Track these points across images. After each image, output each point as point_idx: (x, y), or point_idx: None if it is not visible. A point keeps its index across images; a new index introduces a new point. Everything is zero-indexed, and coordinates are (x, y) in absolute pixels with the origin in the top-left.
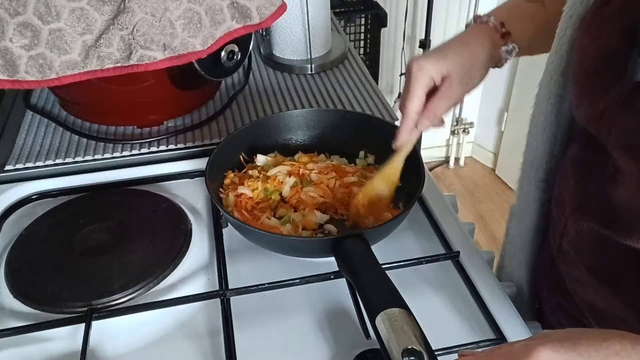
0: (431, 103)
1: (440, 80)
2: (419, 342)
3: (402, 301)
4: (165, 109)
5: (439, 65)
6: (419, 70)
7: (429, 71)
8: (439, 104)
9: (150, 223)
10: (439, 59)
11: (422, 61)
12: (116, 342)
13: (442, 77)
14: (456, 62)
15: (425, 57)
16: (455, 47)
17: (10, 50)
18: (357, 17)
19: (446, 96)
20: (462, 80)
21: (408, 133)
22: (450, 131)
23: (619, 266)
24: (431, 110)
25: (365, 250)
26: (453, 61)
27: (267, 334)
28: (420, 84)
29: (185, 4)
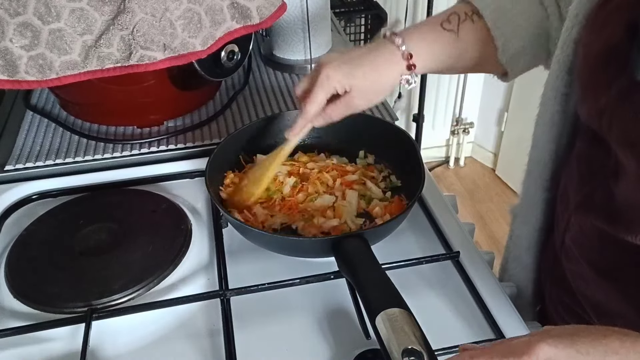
0: (330, 107)
1: (342, 92)
2: (419, 342)
3: (402, 301)
4: (165, 109)
5: (345, 80)
6: (326, 79)
7: (334, 84)
8: (337, 111)
9: (150, 223)
10: (346, 75)
11: (331, 72)
12: (116, 342)
13: (344, 90)
14: (361, 83)
15: (335, 68)
16: (364, 68)
17: (10, 51)
18: (357, 17)
19: (345, 106)
20: (363, 98)
21: (300, 128)
22: (450, 131)
23: (620, 262)
24: (328, 112)
25: (365, 250)
26: (358, 82)
27: (267, 334)
28: (323, 92)
29: (185, 4)
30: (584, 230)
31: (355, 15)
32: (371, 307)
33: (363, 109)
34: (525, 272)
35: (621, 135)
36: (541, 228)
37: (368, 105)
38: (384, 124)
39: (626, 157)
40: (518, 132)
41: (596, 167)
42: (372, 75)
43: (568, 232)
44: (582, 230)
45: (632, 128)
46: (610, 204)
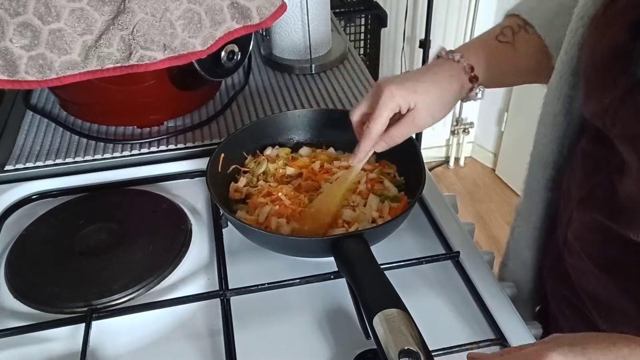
0: (393, 129)
1: (405, 110)
2: (416, 343)
3: (400, 302)
4: (166, 109)
5: (409, 98)
6: (390, 97)
7: (398, 101)
8: (400, 132)
9: (150, 223)
10: (409, 92)
11: (395, 89)
12: (116, 342)
13: (408, 108)
14: (425, 99)
15: (398, 85)
16: (426, 84)
17: (10, 51)
18: (357, 17)
19: (408, 126)
20: (427, 115)
21: (366, 153)
22: (450, 131)
23: (621, 258)
24: (391, 135)
25: (364, 251)
26: (422, 97)
27: (267, 334)
28: (387, 110)
29: (186, 4)
30: (585, 225)
31: (355, 15)
32: (369, 308)
33: (427, 127)
34: (525, 270)
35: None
36: (542, 227)
37: (432, 123)
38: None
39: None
40: (518, 132)
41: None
42: (436, 90)
43: (570, 228)
44: (583, 226)
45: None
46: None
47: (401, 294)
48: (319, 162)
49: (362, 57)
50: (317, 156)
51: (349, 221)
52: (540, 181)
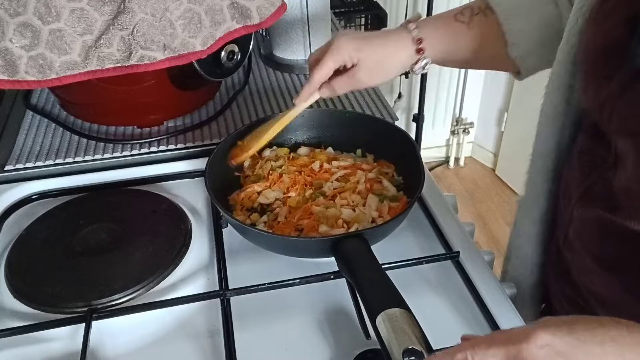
0: (336, 80)
1: (350, 65)
2: (420, 343)
3: (402, 301)
4: (166, 109)
5: (354, 53)
6: (336, 49)
7: (343, 54)
8: (340, 84)
9: (150, 223)
10: (356, 48)
11: (343, 43)
12: (116, 342)
13: (352, 63)
14: (368, 58)
15: (349, 40)
16: (374, 45)
17: (10, 51)
18: (357, 17)
19: (348, 79)
20: (366, 74)
21: (308, 95)
22: (450, 131)
23: (622, 253)
24: (333, 84)
25: (365, 251)
26: (366, 56)
27: (267, 334)
28: (332, 61)
29: (185, 4)
30: (586, 222)
31: (355, 15)
32: (371, 308)
33: (366, 86)
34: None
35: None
36: (543, 220)
37: (371, 84)
38: (383, 123)
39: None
40: (518, 132)
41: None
42: (380, 52)
43: (571, 226)
44: (584, 223)
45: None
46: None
47: (402, 294)
48: (319, 162)
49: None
50: (316, 156)
51: (349, 221)
52: (541, 172)
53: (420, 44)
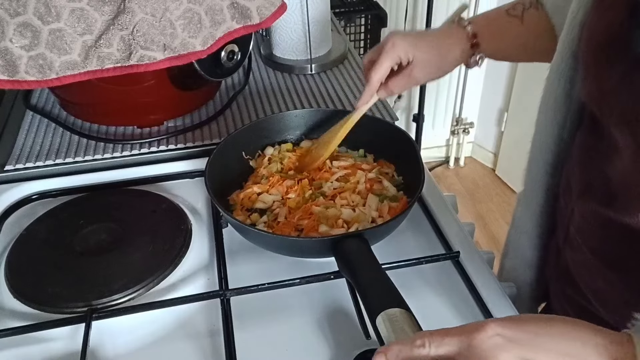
0: (392, 80)
1: (406, 62)
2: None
3: (402, 301)
4: (166, 109)
5: (410, 50)
6: (392, 47)
7: (399, 52)
8: (397, 83)
9: (150, 223)
10: (411, 45)
11: (398, 40)
12: (116, 342)
13: (408, 60)
14: (423, 55)
15: (403, 37)
16: (428, 41)
17: (10, 51)
18: (357, 17)
19: (405, 78)
20: (424, 71)
21: (369, 96)
22: (450, 131)
23: (621, 250)
24: (390, 85)
25: (365, 251)
26: (422, 53)
27: (267, 334)
28: (389, 59)
29: (185, 4)
30: (586, 218)
31: (355, 15)
32: (371, 307)
33: (422, 83)
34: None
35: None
36: (542, 213)
37: (428, 80)
38: (383, 123)
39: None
40: (518, 132)
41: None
42: (436, 49)
43: (572, 222)
44: (585, 219)
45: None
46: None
47: (402, 294)
48: None
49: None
50: None
51: (349, 221)
52: (540, 165)
53: (475, 39)
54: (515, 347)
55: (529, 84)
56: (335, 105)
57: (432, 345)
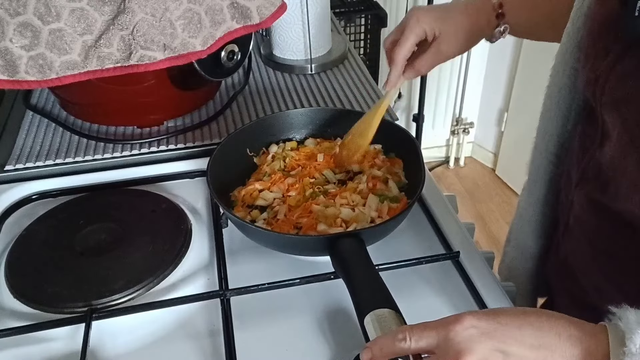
0: (418, 59)
1: (431, 37)
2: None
3: (392, 301)
4: (166, 109)
5: (435, 24)
6: (417, 22)
7: (424, 26)
8: (425, 61)
9: (150, 223)
10: (436, 18)
11: (422, 15)
12: (116, 342)
13: (434, 35)
14: (450, 27)
15: (426, 11)
16: (453, 13)
17: (10, 51)
18: (357, 17)
19: (433, 55)
20: (451, 45)
21: (397, 77)
22: (450, 131)
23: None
24: (416, 64)
25: (359, 250)
26: (447, 25)
27: (267, 334)
28: (413, 34)
29: (185, 4)
30: (583, 206)
31: (355, 15)
32: (361, 307)
33: (452, 56)
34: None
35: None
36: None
37: (457, 53)
38: (384, 122)
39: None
40: (518, 132)
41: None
42: (462, 20)
43: (572, 212)
44: (582, 208)
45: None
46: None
47: (401, 294)
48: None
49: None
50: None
51: (348, 221)
52: (544, 154)
53: (500, 9)
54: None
55: (529, 84)
56: (335, 105)
57: (413, 338)
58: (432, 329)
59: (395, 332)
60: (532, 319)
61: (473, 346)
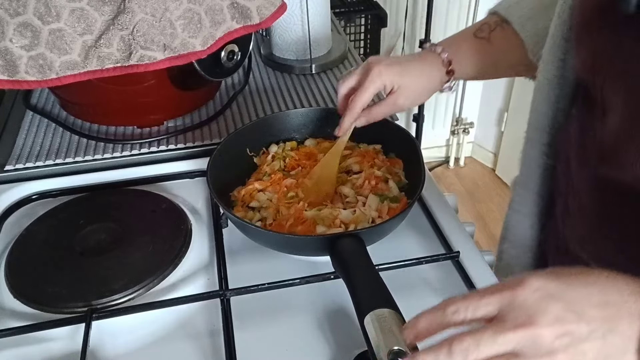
0: (375, 107)
1: (389, 90)
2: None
3: (392, 302)
4: (166, 109)
5: (395, 78)
6: (378, 75)
7: (385, 80)
8: (381, 110)
9: (150, 223)
10: (395, 74)
11: (383, 69)
12: (116, 342)
13: (392, 88)
14: (408, 83)
15: (387, 66)
16: (412, 70)
17: (11, 51)
18: (357, 17)
19: (389, 106)
20: (407, 99)
21: (350, 123)
22: (450, 131)
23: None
24: (372, 112)
25: (359, 250)
26: (406, 81)
27: (267, 334)
28: (373, 87)
29: (185, 4)
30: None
31: (355, 15)
32: (361, 307)
33: (405, 109)
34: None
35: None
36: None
37: (410, 106)
38: (384, 122)
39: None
40: (518, 132)
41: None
42: (420, 77)
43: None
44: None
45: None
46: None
47: (401, 294)
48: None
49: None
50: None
51: (347, 222)
52: (536, 146)
53: (450, 66)
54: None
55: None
56: (335, 105)
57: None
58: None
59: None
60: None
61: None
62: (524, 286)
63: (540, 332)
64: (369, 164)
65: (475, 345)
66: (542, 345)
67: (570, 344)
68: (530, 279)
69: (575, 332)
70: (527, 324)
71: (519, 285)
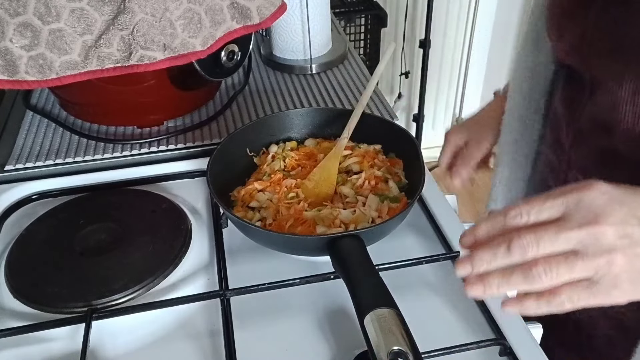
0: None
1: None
2: (407, 344)
3: (392, 301)
4: (166, 109)
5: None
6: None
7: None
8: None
9: (150, 223)
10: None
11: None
12: (116, 342)
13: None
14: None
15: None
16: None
17: (10, 51)
18: (357, 17)
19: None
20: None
21: None
22: None
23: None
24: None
25: (360, 250)
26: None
27: (267, 334)
28: (449, 146)
29: (185, 4)
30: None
31: (355, 15)
32: (361, 307)
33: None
34: None
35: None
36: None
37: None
38: (384, 122)
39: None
40: None
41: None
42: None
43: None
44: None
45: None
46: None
47: (401, 294)
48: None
49: (362, 57)
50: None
51: (347, 222)
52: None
53: None
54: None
55: None
56: (335, 105)
57: (532, 212)
58: (557, 198)
59: (504, 212)
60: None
61: (610, 211)
62: (591, 189)
63: (605, 229)
64: (369, 164)
65: (535, 242)
66: (603, 243)
67: (629, 246)
68: (597, 183)
69: (635, 235)
70: (593, 222)
71: (587, 187)
